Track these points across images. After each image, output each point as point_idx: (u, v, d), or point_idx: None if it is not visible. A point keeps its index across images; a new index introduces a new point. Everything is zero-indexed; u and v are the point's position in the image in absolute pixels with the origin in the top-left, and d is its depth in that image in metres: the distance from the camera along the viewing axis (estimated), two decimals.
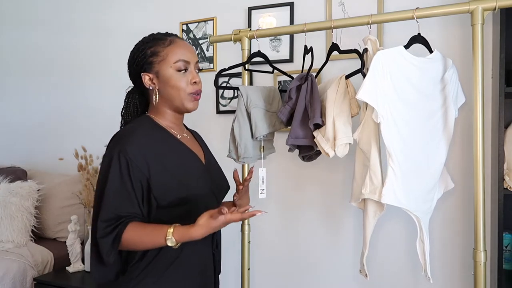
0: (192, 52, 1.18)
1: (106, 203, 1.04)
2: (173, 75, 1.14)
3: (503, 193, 1.41)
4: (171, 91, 1.15)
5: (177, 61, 1.14)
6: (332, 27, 1.58)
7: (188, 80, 1.15)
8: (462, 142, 1.71)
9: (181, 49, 1.15)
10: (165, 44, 1.15)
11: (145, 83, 1.17)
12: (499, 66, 1.40)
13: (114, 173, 1.05)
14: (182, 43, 1.18)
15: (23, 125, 2.90)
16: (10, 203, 2.27)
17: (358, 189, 1.47)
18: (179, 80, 1.14)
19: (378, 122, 1.33)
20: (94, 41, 2.61)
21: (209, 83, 2.21)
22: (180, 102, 1.16)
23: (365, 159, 1.44)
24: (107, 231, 1.03)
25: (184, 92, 1.15)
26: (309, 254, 2.01)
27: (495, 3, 1.35)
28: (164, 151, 1.12)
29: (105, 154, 1.10)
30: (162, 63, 1.14)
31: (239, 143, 1.62)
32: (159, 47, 1.15)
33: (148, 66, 1.15)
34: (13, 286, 2.00)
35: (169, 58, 1.14)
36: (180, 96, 1.15)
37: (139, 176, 1.06)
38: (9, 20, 2.95)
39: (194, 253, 1.17)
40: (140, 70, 1.17)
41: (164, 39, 1.17)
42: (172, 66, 1.14)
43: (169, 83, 1.15)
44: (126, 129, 1.14)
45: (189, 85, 1.15)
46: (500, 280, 1.41)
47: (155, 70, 1.15)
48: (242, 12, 2.14)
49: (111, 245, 1.03)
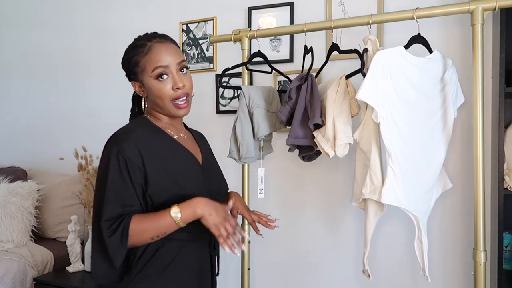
0: (171, 53, 1.14)
1: (108, 202, 1.04)
2: (154, 84, 1.13)
3: (503, 193, 1.41)
4: (156, 100, 1.15)
5: (154, 69, 1.11)
6: (332, 27, 1.58)
7: (170, 87, 1.12)
8: (462, 142, 1.71)
9: (157, 55, 1.12)
10: (143, 53, 1.13)
11: (136, 90, 1.20)
12: (499, 66, 1.40)
13: (113, 172, 1.05)
14: (159, 47, 1.13)
15: (23, 125, 2.90)
16: (10, 203, 2.27)
17: (358, 189, 1.47)
18: (160, 88, 1.12)
19: (378, 122, 1.33)
20: (94, 41, 2.61)
21: (209, 83, 2.22)
22: (167, 109, 1.16)
23: (366, 159, 1.44)
24: (113, 228, 1.02)
25: (168, 100, 1.13)
26: (310, 254, 2.01)
27: (495, 3, 1.35)
28: (160, 151, 1.13)
29: (103, 154, 1.10)
30: (143, 73, 1.14)
31: (241, 143, 1.62)
32: (139, 56, 1.14)
33: (134, 76, 1.17)
34: (13, 286, 2.00)
35: (148, 68, 1.12)
36: (164, 105, 1.14)
37: (137, 174, 1.07)
38: (9, 21, 2.95)
39: (191, 255, 1.17)
40: (129, 78, 1.20)
41: (143, 46, 1.14)
42: (151, 75, 1.12)
43: (151, 92, 1.14)
44: (123, 129, 1.14)
45: (171, 92, 1.12)
46: (500, 280, 1.41)
47: (139, 79, 1.16)
48: (242, 12, 2.14)
49: (120, 242, 1.02)
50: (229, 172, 1.93)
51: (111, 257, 1.03)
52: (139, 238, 1.04)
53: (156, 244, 1.10)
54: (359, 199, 1.46)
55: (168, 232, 1.06)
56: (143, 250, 1.11)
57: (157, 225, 1.04)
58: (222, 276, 1.34)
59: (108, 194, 1.04)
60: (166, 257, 1.12)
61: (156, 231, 1.05)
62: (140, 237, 1.04)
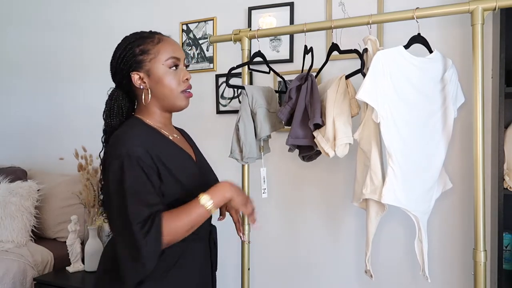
0: (180, 49, 1.19)
1: (134, 205, 1.00)
2: (166, 73, 1.13)
3: (503, 193, 1.41)
4: (164, 89, 1.14)
5: (168, 58, 1.13)
6: (332, 27, 1.58)
7: (180, 78, 1.15)
8: (462, 142, 1.71)
9: (171, 46, 1.16)
10: (154, 42, 1.14)
11: (135, 82, 1.14)
12: (499, 66, 1.40)
13: (130, 174, 1.01)
14: (171, 40, 1.18)
15: (23, 125, 2.90)
16: (10, 203, 2.27)
17: (359, 189, 1.47)
18: (171, 77, 1.14)
19: (378, 122, 1.33)
20: (94, 41, 2.61)
21: (209, 83, 2.22)
22: (172, 100, 1.15)
23: (366, 159, 1.44)
24: (145, 230, 0.98)
25: (177, 90, 1.15)
26: (310, 254, 2.01)
27: (495, 3, 1.35)
28: (162, 151, 1.12)
29: (111, 159, 1.05)
30: (153, 61, 1.13)
31: (244, 143, 1.61)
32: (148, 45, 1.14)
33: (138, 65, 1.13)
34: (13, 286, 2.00)
35: (161, 56, 1.13)
36: (173, 94, 1.15)
37: (152, 173, 1.04)
38: (9, 21, 2.95)
39: (194, 254, 1.17)
40: (128, 69, 1.15)
41: (152, 37, 1.15)
42: (164, 64, 1.13)
43: (161, 81, 1.13)
44: (123, 132, 1.10)
45: (181, 83, 1.16)
46: (500, 280, 1.41)
47: (145, 68, 1.13)
48: (242, 12, 2.14)
49: (155, 242, 0.98)
50: (229, 172, 1.94)
51: (145, 262, 0.97)
52: (173, 234, 1.02)
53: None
54: (360, 199, 1.47)
55: (201, 222, 1.06)
56: None
57: (190, 218, 1.03)
58: (222, 276, 1.34)
59: (130, 197, 1.00)
60: (170, 258, 1.11)
61: (190, 223, 1.03)
62: (174, 233, 1.02)
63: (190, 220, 1.04)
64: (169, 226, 1.01)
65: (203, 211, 1.05)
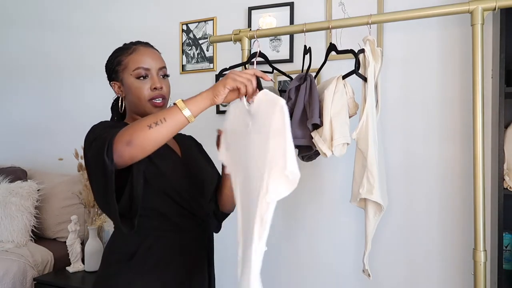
0: (155, 58, 1.21)
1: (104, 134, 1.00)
2: (133, 82, 1.18)
3: (503, 193, 1.41)
4: (133, 98, 1.19)
5: (136, 69, 1.17)
6: (332, 27, 1.57)
7: (148, 87, 1.18)
8: (462, 142, 1.71)
9: (141, 57, 1.19)
10: (128, 53, 1.20)
11: (115, 91, 1.24)
12: (499, 66, 1.40)
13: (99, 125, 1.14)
14: (144, 50, 1.21)
15: (23, 125, 2.90)
16: (10, 203, 2.27)
17: (357, 189, 1.47)
18: (138, 87, 1.18)
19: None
20: (94, 41, 2.61)
21: (209, 83, 2.22)
22: (142, 108, 1.19)
23: (364, 159, 1.44)
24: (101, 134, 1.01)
25: (144, 99, 1.18)
26: (310, 254, 2.01)
27: (495, 3, 1.35)
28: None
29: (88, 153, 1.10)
30: (124, 71, 1.19)
31: None
32: (123, 56, 1.20)
33: (115, 75, 1.22)
34: (13, 286, 2.00)
35: (130, 66, 1.19)
36: (141, 103, 1.18)
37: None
38: (9, 21, 2.95)
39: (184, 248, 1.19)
40: (110, 79, 1.25)
41: (129, 48, 1.21)
42: (132, 74, 1.18)
43: (130, 90, 1.19)
44: None
45: (149, 92, 1.17)
46: (500, 280, 1.41)
47: (120, 78, 1.21)
48: (242, 12, 2.14)
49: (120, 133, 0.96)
50: None
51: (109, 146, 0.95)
52: (140, 129, 0.94)
53: (149, 241, 1.12)
54: (357, 198, 1.47)
55: (169, 119, 0.96)
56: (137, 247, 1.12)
57: (157, 117, 0.96)
58: (221, 276, 1.34)
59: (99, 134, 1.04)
60: (159, 252, 1.14)
61: (154, 118, 0.95)
62: (135, 131, 0.95)
63: (157, 117, 0.96)
64: (127, 129, 0.97)
65: (174, 108, 0.97)
